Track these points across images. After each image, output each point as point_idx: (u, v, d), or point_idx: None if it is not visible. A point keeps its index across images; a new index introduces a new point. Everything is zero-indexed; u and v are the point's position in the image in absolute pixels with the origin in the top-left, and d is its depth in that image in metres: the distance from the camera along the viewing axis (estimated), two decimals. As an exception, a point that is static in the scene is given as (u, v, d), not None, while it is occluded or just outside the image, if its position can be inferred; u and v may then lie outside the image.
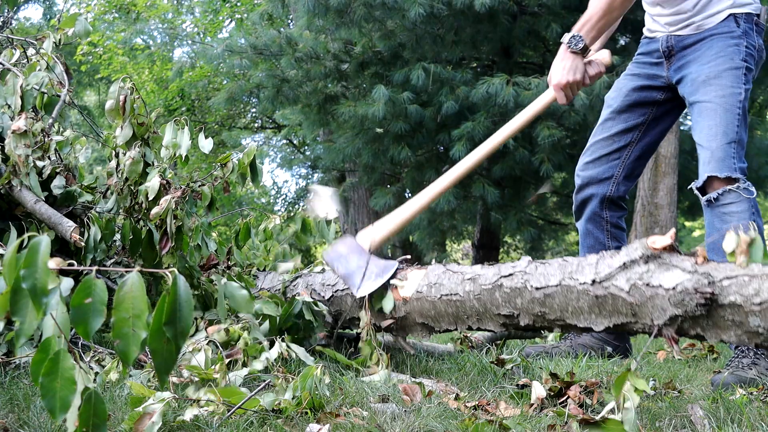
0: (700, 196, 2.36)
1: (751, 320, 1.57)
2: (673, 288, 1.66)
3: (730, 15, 2.42)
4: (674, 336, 1.68)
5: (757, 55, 2.45)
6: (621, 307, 1.76)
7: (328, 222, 2.78)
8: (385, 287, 2.15)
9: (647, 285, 1.70)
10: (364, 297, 2.17)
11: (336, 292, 2.40)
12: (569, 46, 2.40)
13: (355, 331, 2.41)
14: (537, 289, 1.89)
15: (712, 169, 2.29)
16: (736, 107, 2.34)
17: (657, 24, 2.58)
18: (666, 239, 1.72)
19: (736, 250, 1.61)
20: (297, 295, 2.31)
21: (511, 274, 1.96)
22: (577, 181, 2.70)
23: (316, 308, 2.29)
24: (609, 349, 2.68)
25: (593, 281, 1.79)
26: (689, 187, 2.44)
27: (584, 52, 2.41)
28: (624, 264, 1.76)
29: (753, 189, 2.29)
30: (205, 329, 2.18)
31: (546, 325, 1.95)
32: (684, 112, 2.70)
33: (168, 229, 2.24)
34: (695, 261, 1.68)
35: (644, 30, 2.68)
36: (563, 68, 2.40)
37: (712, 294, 1.60)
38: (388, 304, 2.15)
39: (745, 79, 2.38)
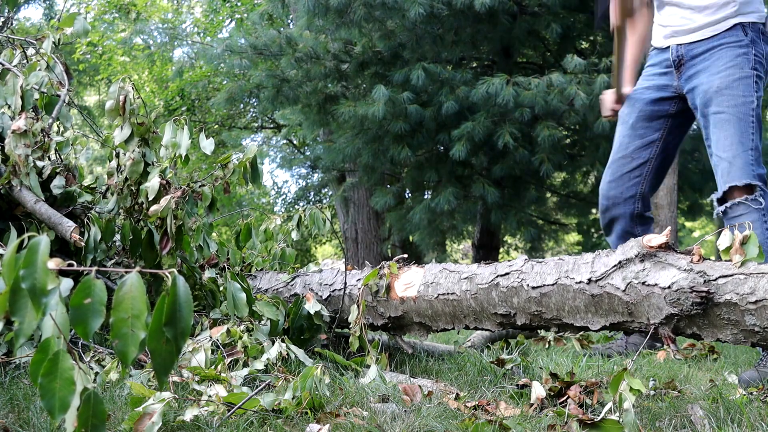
0: (717, 206, 2.41)
1: (747, 319, 1.57)
2: (669, 287, 1.66)
3: (737, 24, 2.45)
4: (670, 335, 1.69)
5: (766, 63, 2.48)
6: (617, 306, 1.76)
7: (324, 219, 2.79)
8: None
9: (643, 284, 1.71)
10: (360, 291, 2.18)
11: (333, 291, 2.39)
12: None
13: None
14: (533, 288, 1.89)
15: (732, 178, 2.35)
16: (749, 115, 2.38)
17: (666, 31, 2.62)
18: (661, 238, 1.72)
19: (730, 248, 1.62)
20: (302, 296, 2.31)
21: (507, 273, 1.97)
22: (603, 201, 2.72)
23: (324, 312, 2.30)
24: (658, 345, 2.75)
25: (589, 280, 1.79)
26: (709, 198, 2.51)
27: None
28: (620, 263, 1.76)
29: (762, 199, 2.33)
30: (210, 328, 2.19)
31: (543, 324, 1.95)
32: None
33: (168, 230, 2.25)
34: (691, 260, 1.68)
35: (652, 42, 2.72)
36: None
37: (707, 293, 1.60)
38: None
39: (756, 87, 2.42)
